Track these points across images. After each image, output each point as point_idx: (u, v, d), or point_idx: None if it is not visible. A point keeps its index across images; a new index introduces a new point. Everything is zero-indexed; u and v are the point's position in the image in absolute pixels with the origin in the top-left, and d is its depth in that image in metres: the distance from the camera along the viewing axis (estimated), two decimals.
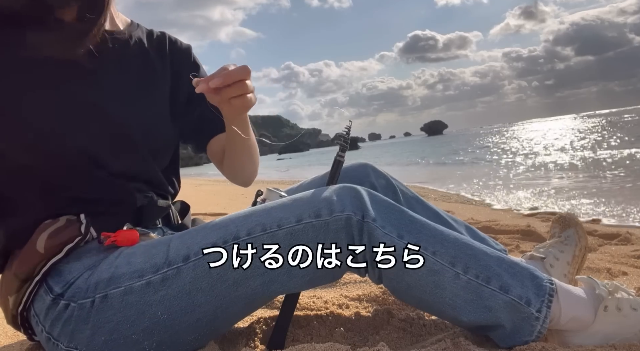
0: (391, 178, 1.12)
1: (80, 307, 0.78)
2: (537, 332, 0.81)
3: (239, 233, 0.80)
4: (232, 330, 1.02)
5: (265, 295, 0.84)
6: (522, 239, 2.13)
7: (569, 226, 1.15)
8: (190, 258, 0.79)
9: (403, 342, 0.97)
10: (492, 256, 0.83)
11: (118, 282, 0.79)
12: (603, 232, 2.17)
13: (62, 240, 0.82)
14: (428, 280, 0.81)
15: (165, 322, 0.79)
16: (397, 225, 0.82)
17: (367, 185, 1.07)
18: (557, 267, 1.07)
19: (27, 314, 0.85)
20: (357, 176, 1.09)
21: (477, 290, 0.81)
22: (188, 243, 0.81)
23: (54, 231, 0.82)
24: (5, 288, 0.85)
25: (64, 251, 0.82)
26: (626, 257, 1.72)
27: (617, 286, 0.87)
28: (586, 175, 5.89)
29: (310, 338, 1.01)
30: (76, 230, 0.84)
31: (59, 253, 0.82)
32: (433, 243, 0.81)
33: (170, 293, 0.79)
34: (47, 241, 0.81)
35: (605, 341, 0.83)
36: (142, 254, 0.82)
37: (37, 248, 0.81)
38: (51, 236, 0.82)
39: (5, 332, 1.23)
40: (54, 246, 0.81)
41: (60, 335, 0.79)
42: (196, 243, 0.81)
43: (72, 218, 0.85)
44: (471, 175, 7.66)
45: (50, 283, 0.81)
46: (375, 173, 1.11)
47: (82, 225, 0.84)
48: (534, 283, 0.82)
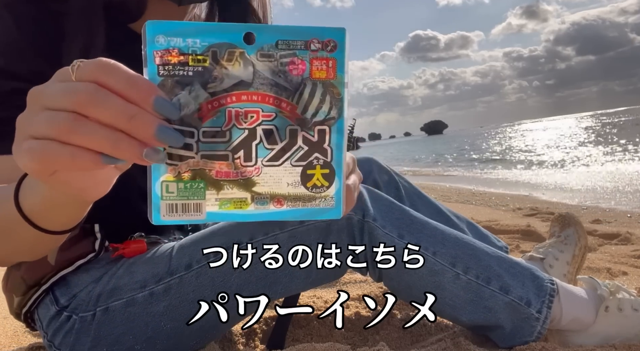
0: (394, 174, 1.12)
1: (81, 320, 0.77)
2: (537, 333, 0.81)
3: (241, 238, 0.78)
4: (232, 330, 1.01)
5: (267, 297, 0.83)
6: (522, 239, 2.13)
7: (568, 225, 1.15)
8: (192, 267, 0.78)
9: (403, 342, 0.96)
10: (493, 256, 0.83)
11: (120, 294, 0.77)
12: (603, 232, 2.17)
13: (75, 254, 0.79)
14: (428, 280, 0.81)
15: (168, 332, 0.78)
16: (397, 224, 0.82)
17: (370, 182, 1.07)
18: (556, 267, 1.07)
19: (30, 315, 0.84)
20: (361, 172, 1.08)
21: (477, 291, 0.80)
22: (190, 250, 0.80)
23: (67, 242, 0.75)
24: (11, 286, 0.83)
25: (75, 265, 0.79)
26: (626, 256, 1.72)
27: (619, 287, 0.87)
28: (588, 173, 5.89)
29: (310, 338, 1.01)
30: (90, 245, 0.80)
31: (69, 267, 0.79)
32: (434, 243, 0.81)
33: (174, 303, 0.77)
34: (59, 254, 0.77)
35: (605, 341, 0.83)
36: (143, 263, 0.80)
37: (49, 259, 0.77)
38: (63, 248, 0.77)
39: (6, 332, 1.23)
40: (65, 260, 0.78)
41: (62, 345, 0.78)
42: (198, 251, 0.79)
43: (87, 227, 0.80)
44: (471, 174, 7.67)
45: (56, 294, 0.79)
46: (379, 168, 1.11)
47: (97, 241, 0.80)
48: (535, 283, 0.82)
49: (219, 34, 0.36)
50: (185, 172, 0.38)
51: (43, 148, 0.34)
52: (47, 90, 0.34)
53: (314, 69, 0.37)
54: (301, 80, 0.38)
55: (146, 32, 0.35)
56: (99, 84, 0.33)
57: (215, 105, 0.36)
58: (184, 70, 0.35)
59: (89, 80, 0.33)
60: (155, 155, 0.35)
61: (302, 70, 0.37)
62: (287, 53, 0.37)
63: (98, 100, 0.33)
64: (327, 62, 0.38)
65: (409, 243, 0.80)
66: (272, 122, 0.38)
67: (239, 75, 0.36)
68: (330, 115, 0.39)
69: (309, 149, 0.39)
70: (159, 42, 0.35)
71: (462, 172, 4.84)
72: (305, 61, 0.37)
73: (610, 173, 5.81)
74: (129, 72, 0.34)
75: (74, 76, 0.34)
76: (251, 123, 0.37)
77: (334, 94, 0.38)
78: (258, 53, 0.36)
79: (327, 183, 0.41)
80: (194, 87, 0.36)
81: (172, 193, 0.38)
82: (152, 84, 0.35)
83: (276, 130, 0.38)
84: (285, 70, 0.37)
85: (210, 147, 0.37)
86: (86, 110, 0.33)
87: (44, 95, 0.34)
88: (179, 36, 0.35)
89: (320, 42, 0.37)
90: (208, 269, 0.78)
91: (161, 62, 0.35)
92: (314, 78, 0.38)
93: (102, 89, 0.33)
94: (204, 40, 0.35)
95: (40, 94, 0.35)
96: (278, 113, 0.38)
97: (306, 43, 0.37)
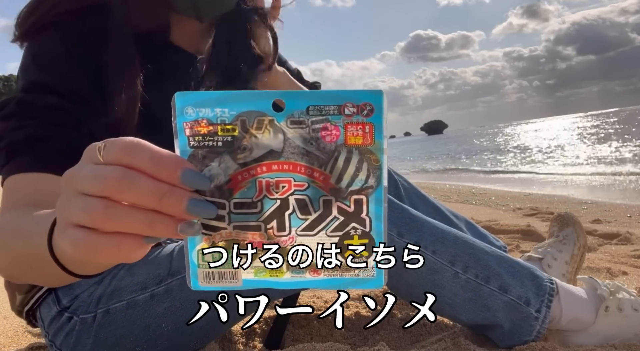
0: (393, 173, 1.12)
1: (82, 322, 0.77)
2: (537, 332, 0.81)
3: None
4: (232, 330, 1.02)
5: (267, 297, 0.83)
6: (522, 239, 2.13)
7: (567, 225, 1.15)
8: None
9: (403, 342, 0.97)
10: (492, 255, 0.83)
11: (121, 295, 0.77)
12: (603, 232, 2.17)
13: None
14: (427, 279, 0.81)
15: (169, 333, 0.78)
16: (397, 223, 0.81)
17: None
18: (555, 267, 1.07)
19: (32, 313, 0.84)
20: None
21: (476, 290, 0.81)
22: None
23: None
24: (14, 283, 0.82)
25: None
26: (626, 256, 1.72)
27: (619, 287, 0.87)
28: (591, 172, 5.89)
29: (310, 338, 1.01)
30: None
31: None
32: (433, 242, 0.81)
33: (175, 305, 0.77)
34: None
35: (605, 341, 0.83)
36: (145, 265, 0.79)
37: None
38: None
39: (6, 332, 1.23)
40: None
41: (62, 345, 0.78)
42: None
43: None
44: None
45: (59, 294, 0.79)
46: None
47: None
48: (534, 282, 0.82)
49: (248, 102, 0.35)
50: (219, 242, 0.37)
51: (87, 241, 0.34)
52: (78, 174, 0.34)
53: (348, 135, 0.36)
54: (335, 147, 0.36)
55: (175, 104, 0.35)
56: (126, 166, 0.33)
57: (246, 176, 0.36)
58: (214, 140, 0.35)
59: (115, 163, 0.33)
60: (190, 229, 0.35)
61: (336, 137, 0.36)
62: (319, 119, 0.35)
63: (127, 184, 0.33)
64: (363, 127, 0.36)
65: (408, 243, 0.80)
66: (304, 191, 0.37)
67: (269, 144, 0.35)
68: (368, 184, 0.37)
69: (345, 219, 0.37)
70: (188, 113, 0.35)
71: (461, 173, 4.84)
72: (340, 127, 0.35)
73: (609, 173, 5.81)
74: (153, 150, 0.34)
75: (101, 157, 0.34)
76: (283, 193, 0.36)
77: (372, 161, 0.36)
78: (288, 120, 0.35)
79: (366, 254, 0.39)
80: (224, 158, 0.35)
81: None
82: (179, 157, 0.35)
83: (309, 200, 0.37)
84: (318, 137, 0.36)
85: (242, 218, 0.37)
86: (117, 195, 0.33)
87: (76, 180, 0.34)
88: (207, 106, 0.35)
89: (355, 106, 0.35)
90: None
91: (191, 133, 0.35)
92: (349, 144, 0.36)
93: (130, 172, 0.33)
94: (232, 109, 0.35)
95: (73, 178, 0.35)
96: (311, 183, 0.36)
97: (340, 108, 0.35)
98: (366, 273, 0.40)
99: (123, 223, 0.33)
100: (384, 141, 0.36)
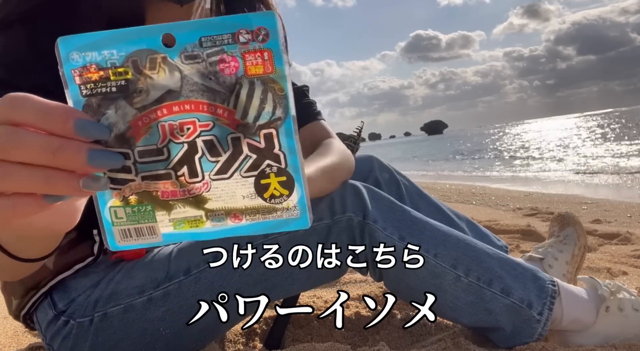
0: (395, 173, 1.12)
1: (79, 325, 0.76)
2: (538, 334, 0.81)
3: (241, 239, 0.77)
4: (232, 330, 1.01)
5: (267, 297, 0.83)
6: (522, 239, 2.13)
7: (567, 225, 1.15)
8: (191, 272, 0.77)
9: (403, 342, 0.96)
10: (494, 257, 0.83)
11: (118, 299, 0.76)
12: (603, 232, 2.16)
13: (73, 258, 0.78)
14: (429, 282, 0.80)
15: (167, 336, 0.78)
16: (398, 226, 0.81)
17: (371, 180, 1.06)
18: (555, 267, 1.07)
19: (29, 317, 0.84)
20: (362, 170, 1.08)
21: (478, 293, 0.80)
22: (189, 255, 0.79)
23: (65, 245, 0.77)
24: (10, 288, 0.82)
25: (74, 269, 0.78)
26: (626, 256, 1.72)
27: (619, 287, 0.86)
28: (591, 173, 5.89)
29: (310, 338, 1.01)
30: (88, 249, 0.78)
31: (68, 270, 0.78)
32: (435, 244, 0.81)
33: (173, 309, 0.77)
34: (57, 258, 0.76)
35: (606, 341, 0.83)
36: (142, 268, 0.79)
37: (47, 264, 0.76)
38: (62, 252, 0.77)
39: (6, 332, 1.23)
40: (64, 264, 0.77)
41: (60, 348, 0.78)
42: (197, 255, 0.78)
43: (85, 231, 0.78)
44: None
45: (55, 298, 0.78)
46: (380, 166, 1.10)
47: (96, 244, 0.79)
48: (536, 285, 0.82)
49: (135, 40, 0.32)
50: (130, 196, 0.35)
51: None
52: None
53: (248, 65, 0.33)
54: (235, 80, 0.33)
55: (59, 50, 0.32)
56: (14, 123, 0.31)
57: (146, 121, 0.33)
58: (107, 86, 0.33)
59: (2, 122, 0.31)
60: (95, 183, 0.32)
61: (235, 69, 0.33)
62: (214, 50, 0.32)
63: (14, 142, 0.30)
64: (262, 55, 0.33)
65: (409, 243, 0.80)
66: (210, 131, 0.34)
67: (165, 83, 0.33)
68: (276, 116, 0.34)
69: (258, 157, 0.34)
70: (74, 59, 0.32)
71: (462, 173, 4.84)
72: (237, 57, 0.33)
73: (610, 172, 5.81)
74: (40, 102, 0.31)
75: None
76: (189, 136, 0.34)
77: (276, 91, 0.33)
78: (182, 55, 0.32)
79: (286, 192, 0.35)
80: (120, 104, 0.33)
81: (122, 218, 0.36)
82: (69, 107, 0.32)
83: (217, 140, 0.34)
84: (216, 71, 0.33)
85: (150, 167, 0.34)
86: (8, 155, 0.31)
87: None
88: (93, 49, 0.32)
89: (249, 32, 0.32)
90: (207, 273, 0.77)
91: (81, 81, 0.33)
92: (250, 75, 0.33)
93: (18, 128, 0.31)
94: (121, 50, 0.32)
95: None
96: (216, 122, 0.33)
97: (233, 36, 0.32)
98: (289, 214, 0.36)
99: (14, 182, 0.31)
100: (285, 68, 0.33)
